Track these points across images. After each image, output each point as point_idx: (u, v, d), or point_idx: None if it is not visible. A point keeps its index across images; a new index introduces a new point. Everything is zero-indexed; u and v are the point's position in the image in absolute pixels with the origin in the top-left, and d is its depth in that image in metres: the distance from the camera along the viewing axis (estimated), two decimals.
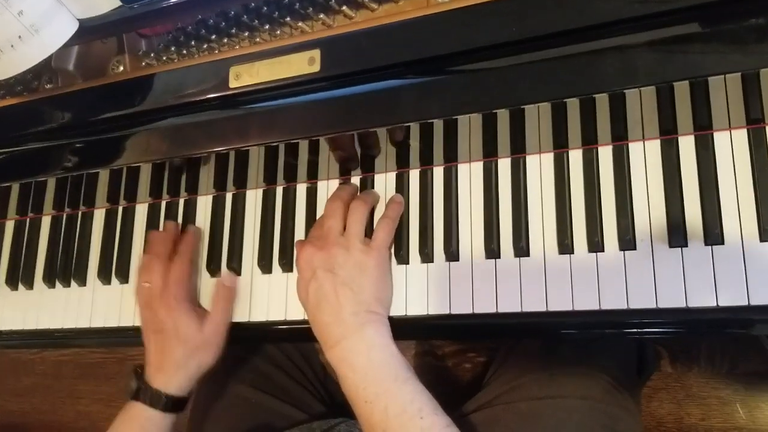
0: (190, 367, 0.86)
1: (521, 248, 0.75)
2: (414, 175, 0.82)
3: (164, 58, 0.77)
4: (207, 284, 0.92)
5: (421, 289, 0.79)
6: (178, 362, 0.86)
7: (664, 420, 1.38)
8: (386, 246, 0.80)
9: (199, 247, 0.93)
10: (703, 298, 0.67)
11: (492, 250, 0.76)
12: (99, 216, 1.00)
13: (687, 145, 0.71)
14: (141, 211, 0.98)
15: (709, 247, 0.68)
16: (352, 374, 0.74)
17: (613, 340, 0.91)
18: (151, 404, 0.85)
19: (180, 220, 0.95)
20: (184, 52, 0.76)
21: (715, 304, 0.67)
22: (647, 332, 0.73)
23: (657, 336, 0.91)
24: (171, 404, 0.86)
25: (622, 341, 0.93)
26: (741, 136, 0.69)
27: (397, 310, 0.80)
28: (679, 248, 0.69)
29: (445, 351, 1.51)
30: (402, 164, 0.83)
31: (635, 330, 0.72)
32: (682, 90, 0.71)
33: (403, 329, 0.78)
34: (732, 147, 0.69)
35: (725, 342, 1.32)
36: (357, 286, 0.77)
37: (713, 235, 0.68)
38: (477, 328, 0.76)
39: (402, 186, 0.83)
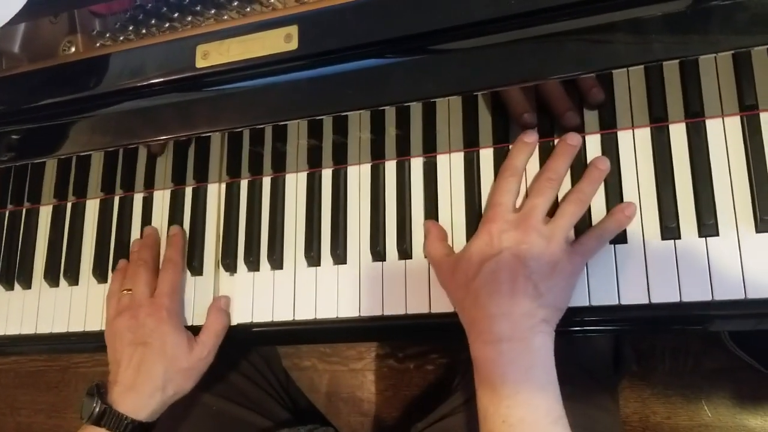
0: (167, 392, 0.78)
1: None
2: (390, 167, 0.78)
3: (121, 38, 0.70)
4: None
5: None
6: (156, 383, 0.76)
7: (630, 419, 1.37)
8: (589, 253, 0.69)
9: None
10: (697, 293, 0.65)
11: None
12: (45, 213, 0.93)
13: (678, 133, 0.68)
14: (92, 207, 0.91)
15: (704, 239, 0.66)
16: (500, 384, 0.62)
17: (589, 339, 0.88)
18: (114, 430, 0.74)
19: (135, 217, 0.88)
20: (143, 31, 0.69)
21: (710, 298, 0.64)
22: (636, 329, 0.70)
23: (648, 334, 0.89)
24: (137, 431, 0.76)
25: (598, 339, 0.90)
26: (734, 123, 0.67)
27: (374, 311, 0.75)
28: (672, 240, 0.67)
29: (407, 353, 1.48)
30: (377, 155, 0.78)
31: (626, 326, 0.69)
32: (672, 76, 0.69)
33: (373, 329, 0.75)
34: (725, 135, 0.67)
35: (689, 340, 1.32)
36: (545, 286, 0.64)
37: (707, 226, 0.65)
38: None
39: (378, 178, 0.78)
